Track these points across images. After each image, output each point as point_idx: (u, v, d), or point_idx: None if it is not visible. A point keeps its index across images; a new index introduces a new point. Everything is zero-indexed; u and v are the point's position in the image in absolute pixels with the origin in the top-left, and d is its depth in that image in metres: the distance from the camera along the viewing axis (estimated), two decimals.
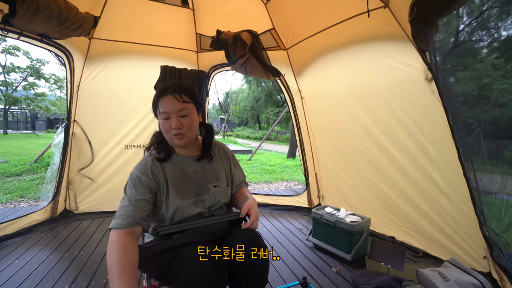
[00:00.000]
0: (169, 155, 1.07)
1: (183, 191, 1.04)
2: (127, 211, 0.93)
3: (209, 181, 1.10)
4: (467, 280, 1.42)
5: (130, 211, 0.93)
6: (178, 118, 1.00)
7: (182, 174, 1.06)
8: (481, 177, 1.56)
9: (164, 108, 1.00)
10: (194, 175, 1.08)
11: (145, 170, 1.01)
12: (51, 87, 20.25)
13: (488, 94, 5.10)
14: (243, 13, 2.72)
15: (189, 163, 1.09)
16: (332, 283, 1.74)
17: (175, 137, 1.02)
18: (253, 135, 23.07)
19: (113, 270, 0.82)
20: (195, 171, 1.09)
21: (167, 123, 1.01)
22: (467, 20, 5.52)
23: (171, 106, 1.00)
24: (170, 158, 1.07)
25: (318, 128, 3.03)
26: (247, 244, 0.98)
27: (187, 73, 2.64)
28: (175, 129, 1.00)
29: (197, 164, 1.11)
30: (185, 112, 1.01)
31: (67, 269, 1.86)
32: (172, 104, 1.00)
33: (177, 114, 1.00)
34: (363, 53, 2.22)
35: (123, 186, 1.03)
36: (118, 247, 0.86)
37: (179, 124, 1.00)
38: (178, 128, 1.00)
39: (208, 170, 1.12)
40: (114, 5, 2.51)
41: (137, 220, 0.93)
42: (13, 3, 1.58)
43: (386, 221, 2.35)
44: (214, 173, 1.13)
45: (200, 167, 1.11)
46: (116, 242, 0.87)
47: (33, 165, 5.85)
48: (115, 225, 0.91)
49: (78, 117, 2.80)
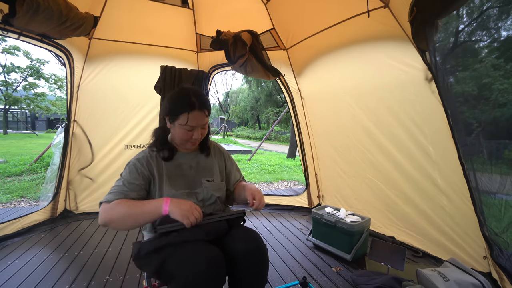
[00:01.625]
0: (172, 155, 1.11)
1: (176, 183, 1.08)
2: (119, 189, 1.00)
3: (202, 176, 1.14)
4: (467, 280, 1.42)
5: (122, 189, 1.00)
6: (200, 130, 1.07)
7: (177, 168, 1.11)
8: (481, 177, 1.56)
9: (192, 122, 1.03)
10: (189, 170, 1.13)
11: (142, 160, 1.07)
12: (51, 87, 20.26)
13: (488, 94, 5.10)
14: (243, 13, 2.72)
15: (185, 159, 1.14)
16: (332, 283, 1.74)
17: (190, 143, 1.09)
18: (253, 135, 23.06)
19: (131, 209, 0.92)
20: (190, 166, 1.14)
21: (189, 133, 1.05)
22: (467, 20, 5.53)
23: (199, 122, 1.04)
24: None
25: (318, 128, 3.03)
26: (247, 243, 0.99)
27: (187, 73, 2.64)
28: (196, 139, 1.07)
29: (193, 159, 1.16)
30: (205, 125, 1.09)
31: (67, 269, 1.86)
32: (200, 119, 1.04)
33: (201, 127, 1.07)
34: (363, 53, 2.22)
35: None
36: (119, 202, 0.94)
37: (200, 136, 1.07)
38: (199, 138, 1.08)
39: (203, 166, 1.17)
40: (114, 5, 2.51)
41: (129, 196, 0.99)
42: (13, 3, 1.58)
43: (386, 221, 2.35)
44: (208, 168, 1.17)
45: (195, 162, 1.16)
46: (112, 204, 0.94)
47: (33, 165, 5.85)
48: (107, 199, 0.97)
49: (78, 117, 2.80)
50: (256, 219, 2.93)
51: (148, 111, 3.02)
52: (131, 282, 1.72)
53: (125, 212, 0.92)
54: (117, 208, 0.93)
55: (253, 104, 25.61)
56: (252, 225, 2.77)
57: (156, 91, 2.59)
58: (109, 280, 1.73)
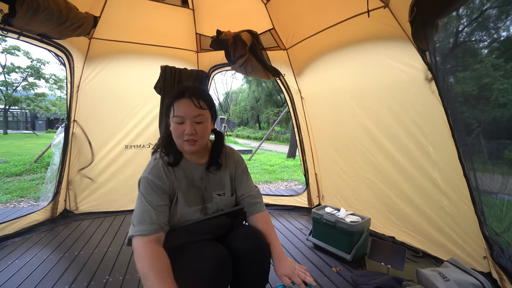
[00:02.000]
0: (178, 160, 1.03)
1: (190, 199, 1.02)
2: (150, 216, 0.88)
3: (213, 190, 1.07)
4: (467, 280, 1.42)
5: (153, 216, 0.89)
6: (192, 124, 0.96)
7: (189, 181, 1.04)
8: (481, 177, 1.56)
9: (179, 111, 0.95)
10: (200, 183, 1.06)
11: (160, 175, 0.97)
12: (51, 87, 20.27)
13: (488, 94, 5.09)
14: (243, 13, 2.72)
15: (196, 170, 1.06)
16: (332, 283, 1.74)
17: (186, 143, 0.97)
18: (253, 135, 23.07)
19: (151, 278, 0.77)
20: (201, 178, 1.06)
21: (180, 127, 0.96)
22: (467, 20, 5.52)
23: (187, 111, 0.95)
24: (179, 164, 1.04)
25: (318, 128, 3.03)
26: (248, 242, 0.98)
27: (187, 73, 2.64)
28: (188, 135, 0.95)
29: (204, 171, 1.08)
30: (200, 118, 0.97)
31: (67, 269, 1.85)
32: (189, 109, 0.95)
33: (192, 120, 0.96)
34: (363, 53, 2.22)
35: (123, 186, 1.04)
36: (151, 255, 0.81)
37: (192, 130, 0.95)
38: (192, 134, 0.95)
39: (213, 178, 1.09)
40: (114, 5, 2.52)
41: (162, 225, 0.90)
42: (13, 3, 1.58)
43: (386, 221, 2.35)
44: (219, 181, 1.10)
45: (206, 174, 1.08)
46: (146, 250, 0.82)
47: (33, 165, 5.85)
48: (140, 231, 0.85)
49: (78, 117, 2.80)
50: None
51: (148, 111, 3.02)
52: (131, 282, 1.72)
53: (144, 275, 0.80)
54: (142, 262, 0.81)
55: (253, 104, 25.61)
56: None
57: (156, 91, 2.59)
58: (109, 280, 1.73)
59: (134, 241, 0.85)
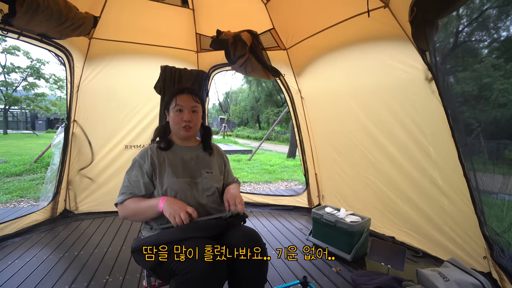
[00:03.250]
0: (169, 145, 1.21)
1: (177, 171, 1.15)
2: (127, 189, 1.11)
3: (202, 168, 1.22)
4: (467, 280, 1.42)
5: (130, 189, 1.10)
6: (190, 112, 1.18)
7: (178, 159, 1.20)
8: (481, 177, 1.56)
9: (180, 102, 1.18)
10: (189, 161, 1.21)
11: (145, 155, 1.16)
12: (51, 87, 20.24)
13: (488, 94, 5.10)
14: (243, 13, 2.72)
15: (186, 151, 1.24)
16: (332, 283, 1.74)
17: (183, 128, 1.18)
18: (253, 135, 23.05)
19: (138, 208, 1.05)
20: (190, 158, 1.23)
21: (179, 115, 1.17)
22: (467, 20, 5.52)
23: (187, 102, 1.18)
24: (170, 148, 1.22)
25: (318, 128, 3.03)
26: (246, 243, 0.99)
27: (187, 73, 2.63)
28: (186, 121, 1.17)
29: (193, 152, 1.25)
30: (196, 109, 1.20)
31: (67, 269, 1.85)
32: (188, 101, 1.19)
33: (190, 109, 1.18)
34: (363, 53, 2.22)
35: None
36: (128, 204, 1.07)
37: (190, 118, 1.17)
38: (189, 121, 1.17)
39: (203, 159, 1.26)
40: (114, 5, 2.51)
41: (135, 194, 1.10)
42: (13, 3, 1.58)
43: (386, 221, 2.35)
44: (207, 162, 1.26)
45: (196, 155, 1.25)
46: (124, 206, 1.08)
47: (33, 165, 5.85)
48: (118, 200, 1.10)
49: (78, 117, 2.80)
50: (256, 219, 2.93)
51: (148, 111, 3.02)
52: (131, 282, 1.72)
53: (133, 210, 1.07)
54: (127, 207, 1.08)
55: (253, 104, 25.60)
56: (252, 225, 2.77)
57: (156, 91, 2.59)
58: (109, 280, 1.73)
59: (118, 207, 1.11)
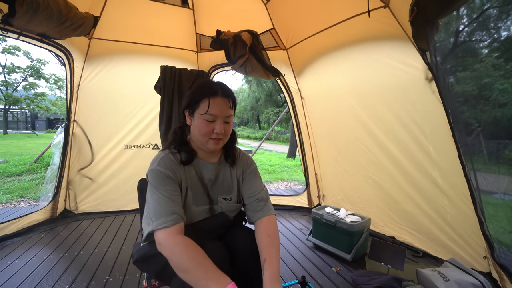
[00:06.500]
0: (192, 158, 0.98)
1: (198, 197, 0.99)
2: (167, 206, 0.84)
3: (220, 193, 1.04)
4: (467, 280, 1.42)
5: (171, 205, 0.85)
6: (222, 123, 0.93)
7: (198, 180, 1.00)
8: (483, 176, 1.55)
9: (213, 110, 0.90)
10: (208, 183, 1.02)
11: (170, 167, 0.92)
12: (51, 87, 20.24)
13: (488, 94, 5.10)
14: (243, 13, 2.72)
15: (207, 169, 1.02)
16: (332, 283, 1.74)
17: (212, 141, 0.94)
18: (253, 135, 23.07)
19: (194, 269, 0.75)
20: (210, 179, 1.02)
21: (209, 125, 0.92)
22: (467, 20, 5.52)
23: (222, 111, 0.92)
24: (192, 162, 1.00)
25: (318, 128, 3.03)
26: (246, 242, 0.99)
27: (187, 73, 2.64)
28: (218, 133, 0.92)
29: (213, 172, 1.03)
30: (229, 119, 0.95)
31: (67, 269, 1.85)
32: (224, 108, 0.92)
33: (223, 119, 0.93)
34: (363, 53, 2.22)
35: (123, 186, 1.03)
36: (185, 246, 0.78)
37: (222, 130, 0.92)
38: (221, 134, 0.93)
39: (222, 181, 1.05)
40: (114, 5, 2.51)
41: (181, 214, 0.86)
42: (13, 3, 1.58)
43: (388, 220, 2.35)
44: (227, 184, 1.06)
45: (215, 174, 1.04)
46: (177, 242, 0.79)
47: (33, 165, 5.85)
48: (163, 223, 0.80)
49: (78, 117, 2.80)
50: None
51: (148, 111, 3.02)
52: (131, 282, 1.72)
53: (184, 268, 0.77)
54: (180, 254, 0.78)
55: (253, 104, 25.57)
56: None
57: (156, 91, 2.59)
58: (109, 280, 1.73)
59: (158, 235, 0.81)
